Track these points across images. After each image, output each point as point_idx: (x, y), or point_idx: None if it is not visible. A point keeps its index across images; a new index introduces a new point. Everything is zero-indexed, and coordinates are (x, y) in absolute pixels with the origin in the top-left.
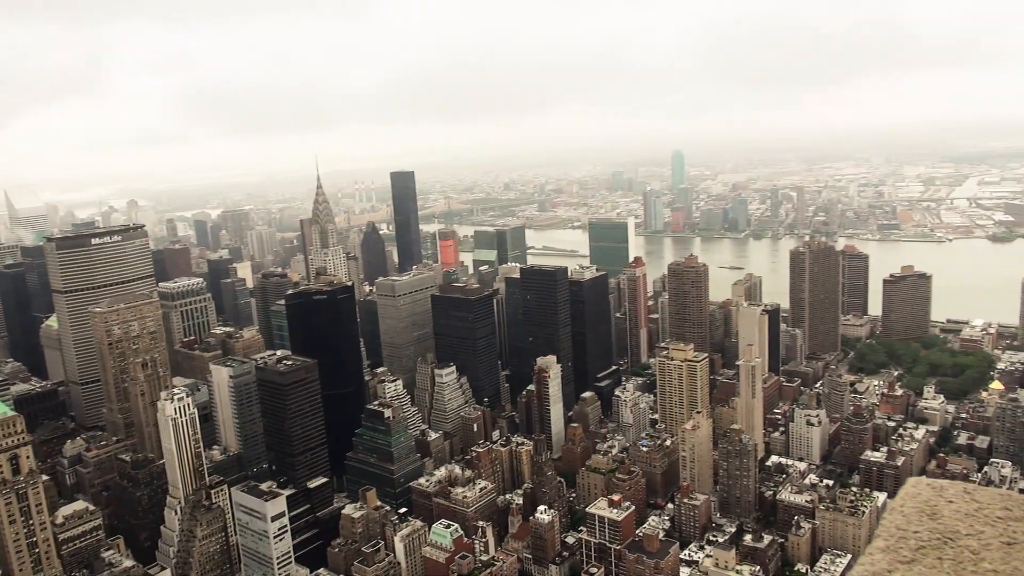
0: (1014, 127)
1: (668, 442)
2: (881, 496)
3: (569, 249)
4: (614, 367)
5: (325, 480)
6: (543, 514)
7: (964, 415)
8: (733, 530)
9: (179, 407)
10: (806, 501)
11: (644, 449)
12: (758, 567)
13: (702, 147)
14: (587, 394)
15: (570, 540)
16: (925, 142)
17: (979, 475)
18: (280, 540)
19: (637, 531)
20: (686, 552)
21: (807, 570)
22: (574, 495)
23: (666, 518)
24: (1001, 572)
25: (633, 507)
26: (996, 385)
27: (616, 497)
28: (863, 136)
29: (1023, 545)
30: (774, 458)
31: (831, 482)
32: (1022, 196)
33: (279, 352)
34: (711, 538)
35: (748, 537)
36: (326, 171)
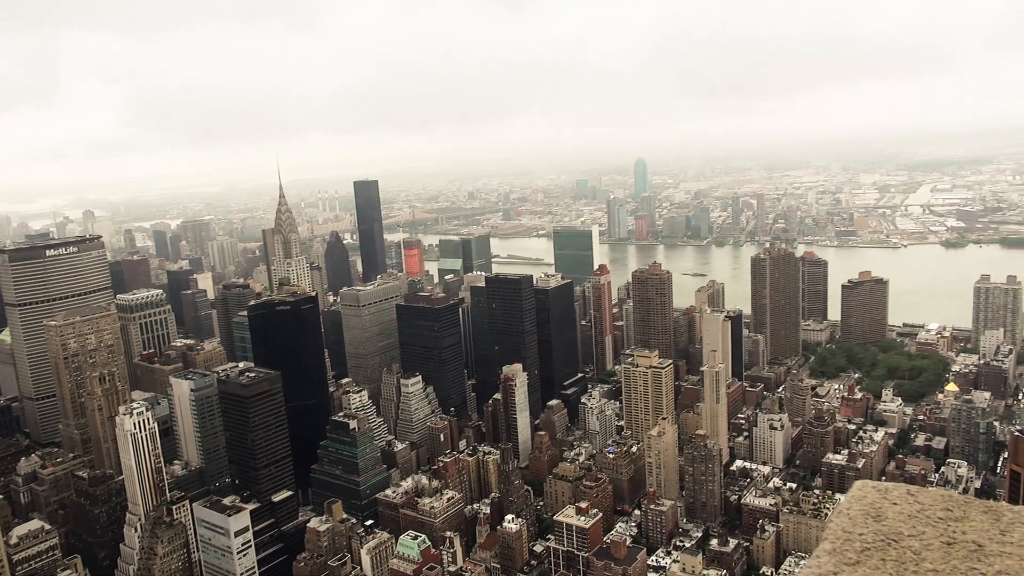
0: (962, 136)
1: (634, 449)
2: (843, 498)
3: (534, 257)
4: (580, 374)
5: (290, 493)
6: (511, 523)
7: (921, 417)
8: (699, 535)
9: (138, 421)
10: (770, 504)
11: (611, 456)
12: (724, 571)
13: (664, 155)
14: (553, 402)
15: (538, 549)
16: (880, 150)
17: (936, 475)
18: (244, 556)
19: (605, 538)
20: (653, 558)
21: (772, 573)
22: (542, 503)
23: (633, 524)
24: (941, 571)
25: (600, 514)
26: (951, 387)
27: (583, 504)
28: (820, 144)
29: (962, 545)
30: (738, 462)
31: (794, 485)
32: (972, 203)
33: (241, 364)
34: (678, 543)
35: (714, 542)
36: (288, 180)
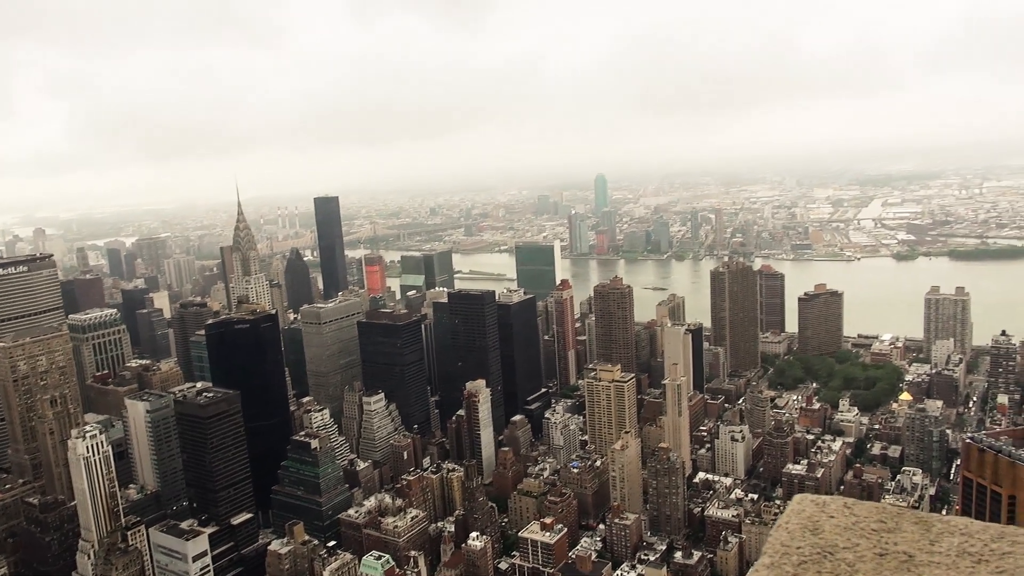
0: (910, 152)
1: (598, 463)
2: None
3: (496, 273)
4: (543, 389)
5: (250, 516)
6: (476, 540)
7: (877, 426)
8: (664, 548)
9: (91, 445)
10: (733, 516)
11: (575, 471)
12: None
13: (624, 171)
14: (517, 417)
15: (503, 566)
16: (831, 165)
17: (893, 483)
18: None
19: (570, 553)
20: (618, 572)
21: None
22: (506, 520)
23: (598, 539)
24: None
25: (565, 529)
26: (905, 396)
27: (548, 520)
28: (775, 160)
29: (893, 555)
30: (701, 474)
31: (756, 496)
32: (922, 217)
33: (199, 384)
34: (643, 557)
35: (678, 554)
36: (247, 197)
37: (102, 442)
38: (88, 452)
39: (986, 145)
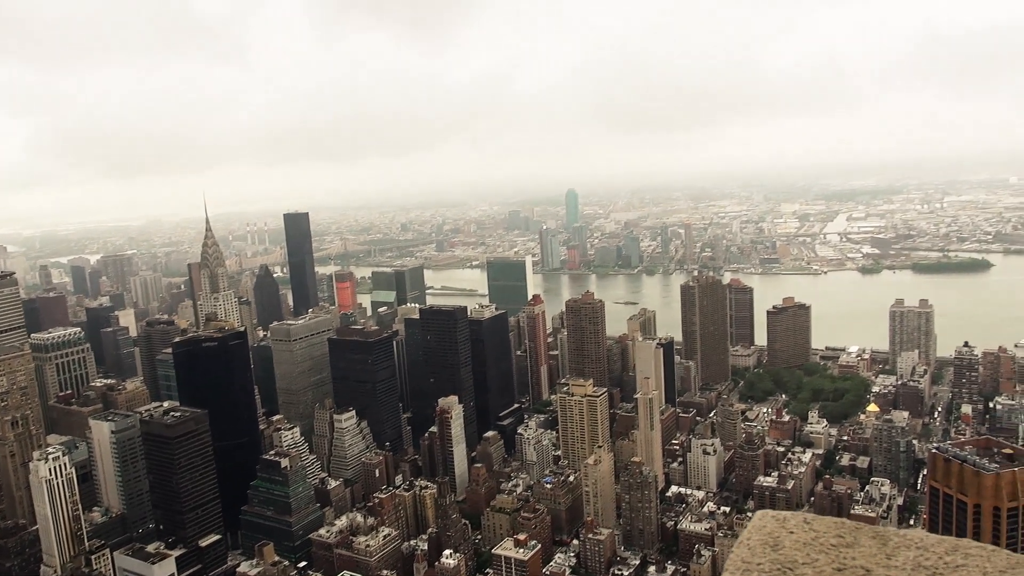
0: (873, 168)
1: (571, 478)
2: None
3: (468, 288)
4: (516, 405)
5: (218, 537)
6: (449, 559)
7: (845, 437)
8: (637, 562)
9: (54, 467)
10: (705, 529)
11: (548, 486)
12: None
13: (594, 186)
14: (490, 433)
15: None
16: (797, 181)
17: (862, 494)
18: None
19: (544, 569)
20: None
21: None
22: (479, 537)
23: (572, 555)
24: None
25: (539, 545)
26: (872, 408)
27: (522, 536)
28: (742, 175)
29: (851, 570)
30: (674, 488)
31: (728, 509)
32: (885, 231)
33: (166, 403)
34: (616, 572)
35: (652, 569)
36: (215, 213)
37: (65, 464)
38: (50, 475)
39: (946, 161)
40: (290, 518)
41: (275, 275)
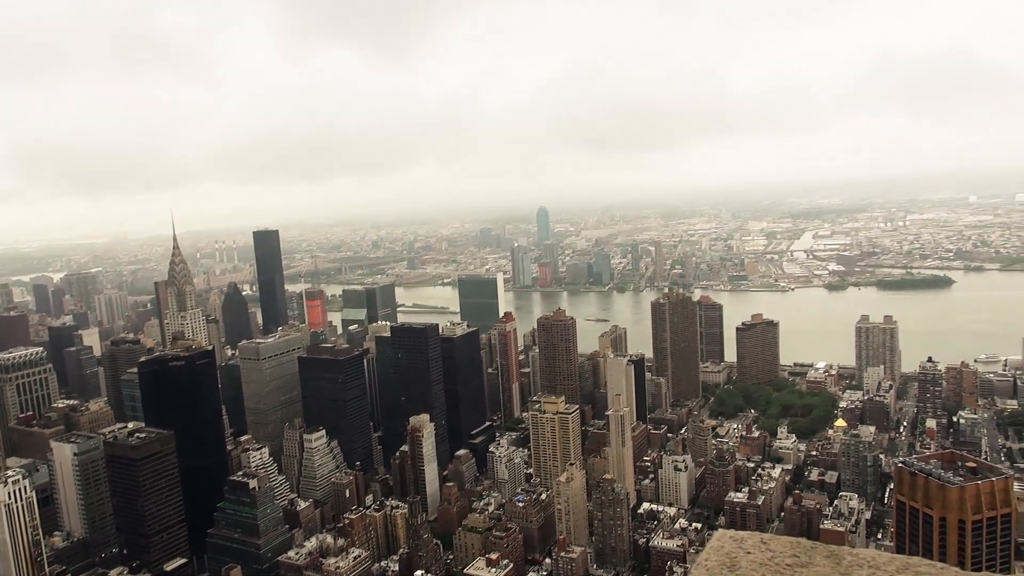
0: (836, 187)
1: (543, 496)
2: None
3: (440, 306)
4: (488, 423)
5: (184, 561)
6: None
7: (814, 452)
8: None
9: (14, 491)
10: (677, 546)
11: (520, 504)
12: None
13: (565, 204)
14: (461, 452)
15: None
16: (764, 199)
17: (831, 508)
18: None
19: None
20: None
21: None
22: (451, 557)
23: (544, 573)
24: None
25: (511, 564)
26: (840, 423)
27: (494, 556)
28: (712, 194)
29: None
30: (646, 505)
31: (699, 525)
32: (851, 248)
33: (131, 424)
34: None
35: None
36: (183, 231)
37: (25, 487)
38: (10, 498)
39: (907, 180)
40: (258, 540)
41: (244, 293)
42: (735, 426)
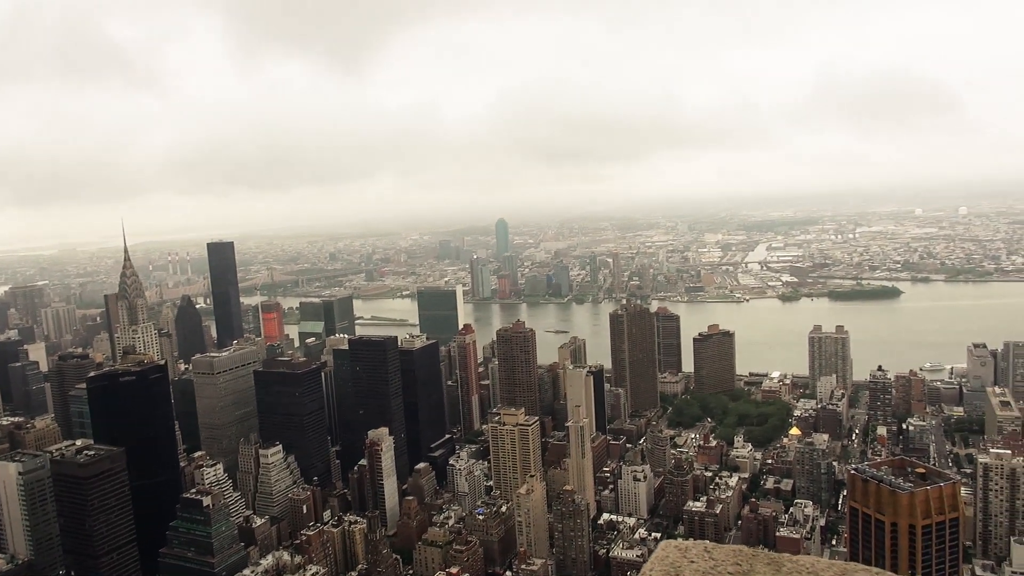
0: (789, 200)
1: (504, 508)
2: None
3: (399, 318)
4: (448, 435)
5: None
6: None
7: (770, 461)
8: None
9: None
10: (637, 556)
11: (480, 517)
12: None
13: (524, 216)
14: (421, 465)
15: None
16: (719, 212)
17: (786, 516)
18: None
19: None
20: None
21: None
22: (411, 572)
23: None
24: None
25: None
26: (795, 431)
27: (454, 570)
28: (668, 206)
29: None
30: (605, 515)
31: (659, 535)
32: (803, 260)
33: (79, 442)
34: None
35: None
36: (135, 242)
37: None
38: None
39: (856, 193)
40: (212, 559)
41: (198, 306)
42: (693, 436)
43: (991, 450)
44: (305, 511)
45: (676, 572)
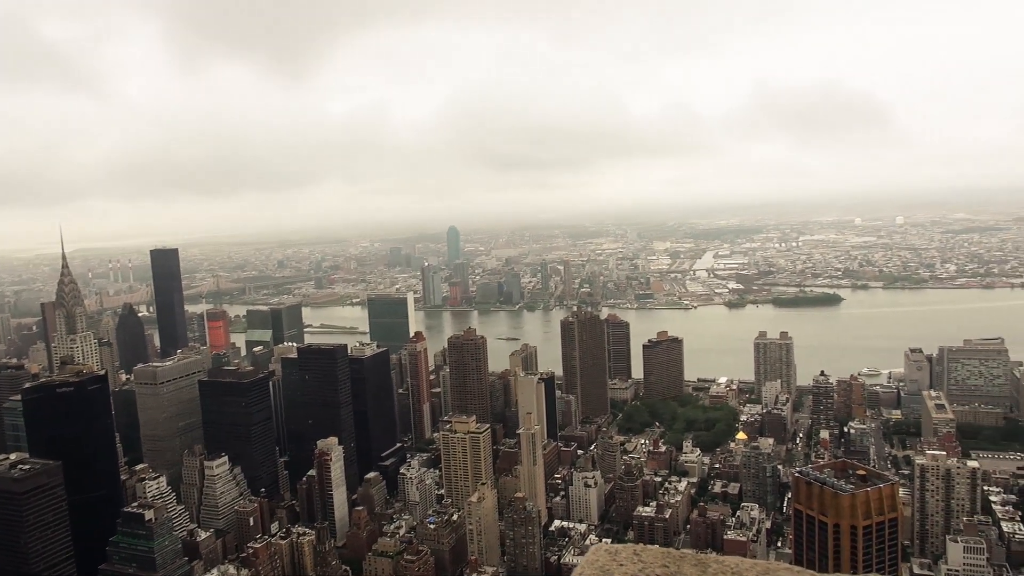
0: (734, 208)
1: (455, 517)
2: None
3: (349, 326)
4: (398, 444)
5: None
6: None
7: (718, 465)
8: None
9: None
10: None
11: (431, 527)
12: None
13: (475, 223)
14: (371, 474)
15: None
16: (667, 220)
17: (733, 519)
18: None
19: None
20: None
21: None
22: None
23: None
24: None
25: None
26: (741, 436)
27: None
28: (618, 214)
29: None
30: (557, 522)
31: (609, 540)
32: (748, 267)
33: (13, 456)
34: None
35: None
36: (73, 249)
37: None
38: None
39: (798, 203)
40: (154, 575)
41: (140, 315)
42: (643, 441)
43: (927, 452)
44: (252, 523)
45: (606, 574)
